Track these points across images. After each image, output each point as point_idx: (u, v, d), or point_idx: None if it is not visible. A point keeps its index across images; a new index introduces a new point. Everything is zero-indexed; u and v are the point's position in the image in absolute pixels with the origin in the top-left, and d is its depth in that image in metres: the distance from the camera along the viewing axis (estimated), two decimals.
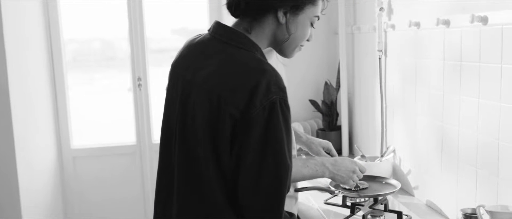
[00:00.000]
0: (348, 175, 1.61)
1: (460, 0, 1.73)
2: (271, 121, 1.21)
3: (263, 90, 1.20)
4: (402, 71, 2.20)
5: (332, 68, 3.13)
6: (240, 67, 1.26)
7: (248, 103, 1.20)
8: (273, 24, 1.31)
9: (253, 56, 1.29)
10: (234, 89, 1.23)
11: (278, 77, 1.25)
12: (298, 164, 1.54)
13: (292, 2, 1.28)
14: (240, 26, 1.33)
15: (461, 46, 1.73)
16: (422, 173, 2.08)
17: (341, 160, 1.62)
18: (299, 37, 1.36)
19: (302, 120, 3.13)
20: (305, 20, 1.34)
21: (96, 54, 3.52)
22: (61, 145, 3.26)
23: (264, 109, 1.20)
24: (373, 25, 2.41)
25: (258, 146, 1.21)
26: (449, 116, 1.84)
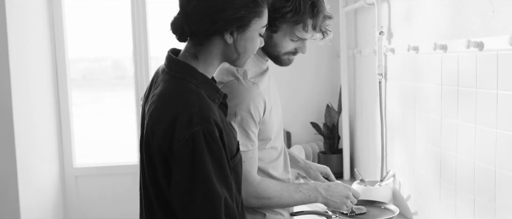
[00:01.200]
0: (342, 201, 1.59)
1: (457, 25, 1.73)
2: (196, 155, 1.16)
3: (184, 122, 1.17)
4: (401, 95, 2.19)
5: (334, 90, 3.12)
6: (166, 99, 1.24)
7: (172, 135, 1.17)
8: (221, 44, 1.28)
9: (183, 85, 1.25)
10: (159, 122, 1.21)
11: (202, 107, 1.20)
12: (290, 189, 1.53)
13: (237, 22, 1.23)
14: (187, 52, 1.32)
15: (458, 71, 1.72)
16: (422, 198, 2.05)
17: (334, 186, 1.61)
18: (249, 50, 1.32)
19: (303, 143, 3.12)
20: (254, 34, 1.30)
21: (107, 73, 3.56)
22: (64, 164, 3.27)
23: (187, 142, 1.16)
24: (374, 49, 2.41)
25: (185, 184, 1.17)
26: (447, 141, 1.82)
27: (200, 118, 1.18)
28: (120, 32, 3.31)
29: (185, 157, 1.17)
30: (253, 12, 1.24)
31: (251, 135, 1.47)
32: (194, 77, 1.28)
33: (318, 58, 3.09)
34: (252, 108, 1.46)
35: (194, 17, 1.23)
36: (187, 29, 1.25)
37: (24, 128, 2.75)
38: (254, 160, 1.50)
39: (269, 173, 1.60)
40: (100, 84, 3.56)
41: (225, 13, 1.21)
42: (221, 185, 1.20)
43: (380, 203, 2.00)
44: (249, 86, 1.47)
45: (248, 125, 1.46)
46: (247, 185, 1.47)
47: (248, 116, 1.45)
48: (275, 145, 1.63)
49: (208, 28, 1.24)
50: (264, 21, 1.31)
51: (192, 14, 1.23)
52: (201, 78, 1.29)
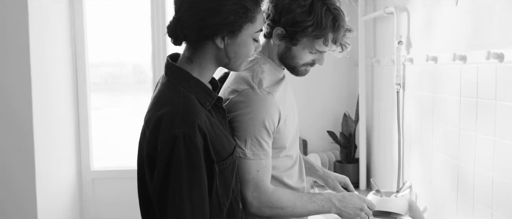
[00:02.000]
0: (355, 212, 1.57)
1: (477, 36, 1.70)
2: (172, 158, 1.17)
3: (166, 123, 1.18)
4: (419, 106, 2.16)
5: (351, 99, 3.10)
6: (156, 103, 1.27)
7: (156, 136, 1.19)
8: (213, 49, 1.29)
9: (172, 89, 1.27)
10: (149, 123, 1.23)
11: (187, 111, 1.21)
12: (304, 199, 1.51)
13: (227, 28, 1.24)
14: (183, 56, 1.34)
15: (478, 83, 1.69)
16: (438, 211, 2.01)
17: (349, 197, 1.58)
18: (242, 55, 1.32)
19: (319, 151, 3.10)
20: (246, 39, 1.29)
21: (127, 77, 3.61)
22: (81, 167, 3.31)
23: (167, 143, 1.17)
24: (392, 58, 2.39)
25: (160, 185, 1.19)
26: (465, 154, 1.79)
27: (182, 121, 1.19)
28: (141, 37, 3.35)
29: (163, 157, 1.18)
30: (243, 17, 1.25)
31: (264, 144, 1.47)
32: (185, 81, 1.29)
33: (336, 67, 3.07)
34: (266, 118, 1.46)
35: (186, 22, 1.25)
36: (180, 33, 1.27)
37: (43, 131, 2.80)
38: (267, 169, 1.49)
39: (284, 181, 1.59)
40: (121, 88, 3.60)
41: (215, 18, 1.23)
42: (192, 189, 1.20)
43: (396, 215, 1.97)
44: (264, 96, 1.47)
45: (261, 134, 1.45)
46: (260, 194, 1.47)
47: (262, 126, 1.45)
48: (290, 153, 1.62)
49: (198, 33, 1.25)
50: (258, 26, 1.31)
51: (183, 19, 1.25)
52: (193, 81, 1.30)
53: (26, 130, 2.67)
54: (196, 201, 1.20)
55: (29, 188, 2.70)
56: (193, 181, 1.19)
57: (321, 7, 1.46)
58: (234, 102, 1.47)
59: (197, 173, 1.20)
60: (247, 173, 1.46)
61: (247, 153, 1.44)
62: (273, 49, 1.57)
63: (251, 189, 1.46)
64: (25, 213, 2.72)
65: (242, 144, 1.44)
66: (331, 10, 1.47)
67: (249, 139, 1.44)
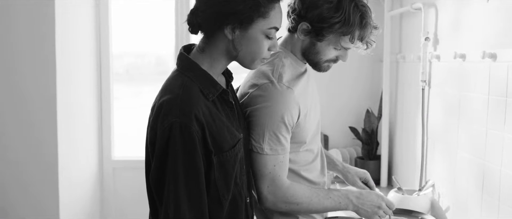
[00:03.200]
0: (373, 210, 1.55)
1: (508, 33, 1.66)
2: (169, 145, 1.19)
3: (165, 111, 1.21)
4: (445, 104, 2.13)
5: (375, 95, 3.07)
6: (161, 90, 1.30)
7: (156, 123, 1.22)
8: (224, 40, 1.29)
9: (176, 79, 1.29)
10: (152, 110, 1.27)
11: (185, 101, 1.21)
12: (320, 195, 1.50)
13: (236, 17, 1.24)
14: (198, 45, 1.35)
15: (507, 82, 1.65)
16: (461, 211, 1.98)
17: (367, 194, 1.57)
18: (252, 52, 1.31)
19: (341, 147, 3.08)
20: (257, 34, 1.28)
21: (149, 68, 3.63)
22: (103, 156, 3.35)
23: (164, 132, 1.19)
24: (418, 55, 2.35)
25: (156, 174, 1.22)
26: (491, 154, 1.75)
27: (180, 111, 1.20)
28: (164, 29, 3.37)
29: (160, 146, 1.20)
30: (254, 10, 1.25)
31: (282, 139, 1.46)
32: (191, 71, 1.30)
33: (359, 62, 3.04)
34: (285, 112, 1.44)
35: (200, 11, 1.27)
36: (195, 22, 1.29)
37: (67, 120, 2.83)
38: (284, 164, 1.49)
39: (302, 175, 1.59)
40: (142, 78, 3.63)
41: (224, 6, 1.24)
42: (188, 177, 1.21)
43: (417, 213, 1.95)
44: (283, 90, 1.46)
45: (279, 129, 1.45)
46: (275, 189, 1.46)
47: (280, 121, 1.44)
48: (311, 147, 1.61)
49: (209, 21, 1.27)
50: (273, 23, 1.29)
51: (198, 6, 1.28)
52: (199, 72, 1.30)
53: (50, 120, 2.71)
54: (192, 190, 1.21)
55: (51, 177, 2.75)
56: (189, 170, 1.21)
57: (349, 3, 1.44)
58: (253, 96, 1.46)
59: (192, 162, 1.21)
60: (263, 167, 1.45)
61: (265, 148, 1.44)
62: (296, 44, 1.56)
63: (267, 183, 1.46)
64: (48, 202, 2.77)
65: (260, 138, 1.43)
66: (359, 7, 1.45)
67: (267, 133, 1.43)
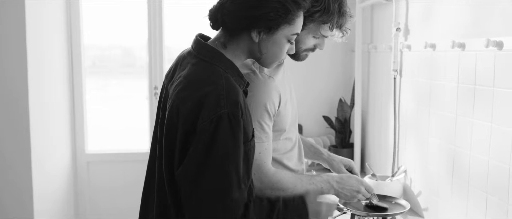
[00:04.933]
0: (352, 194, 1.61)
1: (476, 24, 1.73)
2: (217, 135, 1.20)
3: (211, 103, 1.21)
4: (416, 92, 2.20)
5: (347, 85, 3.13)
6: (194, 80, 1.28)
7: (197, 114, 1.21)
8: (248, 41, 1.33)
9: (211, 68, 1.30)
10: (185, 101, 1.24)
11: (230, 91, 1.25)
12: (303, 181, 1.55)
13: (265, 23, 1.28)
14: (217, 40, 1.37)
15: (476, 70, 1.72)
16: (433, 195, 2.06)
17: (347, 178, 1.63)
18: (275, 54, 1.37)
19: (315, 136, 3.14)
20: (281, 39, 1.33)
21: (116, 61, 3.58)
22: (76, 150, 3.31)
23: (211, 122, 1.20)
24: (389, 45, 2.41)
25: (201, 158, 1.21)
26: (461, 139, 1.83)
27: (227, 101, 1.23)
28: (132, 21, 3.33)
29: (205, 135, 1.21)
30: (283, 17, 1.29)
31: (266, 127, 1.50)
32: (222, 62, 1.33)
33: (332, 53, 3.10)
34: (268, 101, 1.49)
35: (228, 9, 1.29)
36: (220, 19, 1.31)
37: (39, 113, 2.79)
38: (268, 151, 1.52)
39: (283, 163, 1.63)
40: (108, 71, 3.57)
41: (255, 12, 1.27)
42: (238, 164, 1.24)
43: (391, 198, 2.01)
44: (265, 79, 1.50)
45: (262, 118, 1.49)
46: (262, 176, 1.50)
47: (263, 109, 1.48)
48: (290, 136, 1.65)
49: (237, 22, 1.30)
50: (296, 29, 1.35)
51: (226, 6, 1.30)
52: (229, 63, 1.34)
53: (22, 112, 2.66)
54: (243, 177, 1.25)
55: (25, 170, 2.70)
56: (238, 157, 1.24)
57: None
58: None
59: (240, 150, 1.25)
60: None
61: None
62: None
63: (254, 170, 1.49)
64: (21, 195, 2.72)
65: None
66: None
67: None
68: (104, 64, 3.54)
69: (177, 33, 3.39)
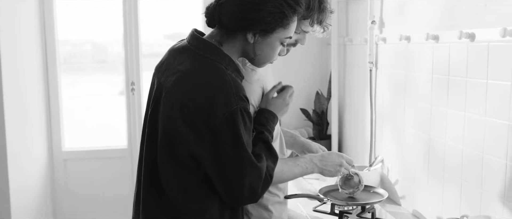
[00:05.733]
0: (336, 169, 1.67)
1: (449, 16, 1.79)
2: (235, 128, 1.29)
3: (223, 101, 1.27)
4: (392, 83, 2.26)
5: (323, 78, 3.18)
6: (201, 78, 1.31)
7: (209, 113, 1.27)
8: (244, 41, 1.38)
9: (217, 67, 1.34)
10: (195, 99, 1.29)
11: (238, 87, 1.32)
12: (289, 164, 1.59)
13: (262, 26, 1.32)
14: (213, 38, 1.40)
15: (449, 61, 1.78)
16: (409, 183, 2.13)
17: (328, 155, 1.68)
18: (267, 56, 1.42)
19: (293, 129, 3.17)
20: (275, 42, 1.39)
21: (87, 57, 3.53)
22: (53, 147, 3.27)
23: (226, 119, 1.27)
24: (365, 38, 2.46)
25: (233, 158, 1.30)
26: (436, 128, 1.89)
27: (238, 97, 1.29)
28: (104, 15, 3.29)
29: (227, 132, 1.28)
30: (279, 21, 1.33)
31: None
32: (222, 58, 1.36)
33: (308, 46, 3.11)
34: (251, 94, 1.51)
35: (226, 9, 1.32)
36: (217, 17, 1.34)
37: (14, 111, 2.75)
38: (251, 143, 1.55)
39: None
40: (81, 68, 3.52)
41: (253, 14, 1.31)
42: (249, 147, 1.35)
43: (369, 187, 2.07)
44: (248, 72, 1.53)
45: None
46: None
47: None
48: None
49: (234, 22, 1.33)
50: (289, 33, 1.39)
51: (225, 5, 1.33)
52: (228, 59, 1.37)
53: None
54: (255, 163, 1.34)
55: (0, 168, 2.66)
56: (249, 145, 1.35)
57: None
58: None
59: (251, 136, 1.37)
60: None
61: None
62: None
63: None
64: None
65: None
66: None
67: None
68: (76, 60, 3.48)
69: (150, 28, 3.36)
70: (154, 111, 1.38)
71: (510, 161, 1.50)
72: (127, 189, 3.35)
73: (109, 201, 3.37)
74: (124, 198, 3.34)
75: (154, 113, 1.38)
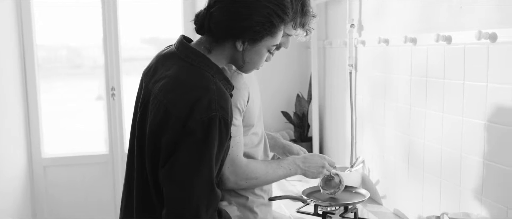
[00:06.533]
0: (318, 170, 1.71)
1: (426, 19, 1.84)
2: (208, 137, 1.27)
3: (204, 106, 1.27)
4: (371, 85, 2.30)
5: (304, 81, 3.22)
6: (187, 84, 1.33)
7: (188, 116, 1.26)
8: (232, 49, 1.40)
9: (202, 74, 1.35)
10: (176, 103, 1.29)
11: (221, 96, 1.32)
12: (273, 166, 1.61)
13: (251, 35, 1.35)
14: (202, 45, 1.42)
15: (427, 63, 1.83)
16: (390, 183, 2.17)
17: (310, 157, 1.71)
18: (255, 63, 1.45)
19: (274, 131, 3.20)
20: (262, 49, 1.42)
21: (63, 62, 3.47)
22: (32, 154, 3.23)
23: (202, 123, 1.26)
24: (344, 41, 2.51)
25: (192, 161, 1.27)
26: (415, 129, 1.94)
27: (219, 105, 1.29)
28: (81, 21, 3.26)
29: (198, 138, 1.27)
30: (267, 30, 1.35)
31: (236, 122, 1.54)
32: (210, 67, 1.38)
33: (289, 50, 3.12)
34: (238, 99, 1.53)
35: (216, 18, 1.34)
36: (207, 25, 1.35)
37: None
38: (240, 144, 1.57)
39: (254, 157, 1.68)
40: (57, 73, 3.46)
41: (243, 23, 1.32)
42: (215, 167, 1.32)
43: (351, 188, 2.10)
44: (234, 76, 1.54)
45: (234, 114, 1.52)
46: (236, 168, 1.55)
47: (234, 106, 1.52)
48: (256, 131, 1.70)
49: (224, 31, 1.35)
50: (276, 41, 1.42)
51: (215, 14, 1.34)
52: (216, 69, 1.39)
53: None
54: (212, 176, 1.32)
55: None
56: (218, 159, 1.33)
57: None
58: None
59: (222, 151, 1.34)
60: None
61: None
62: None
63: (228, 164, 1.54)
64: None
65: None
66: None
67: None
68: (51, 65, 3.42)
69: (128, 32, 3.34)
70: (142, 116, 1.39)
71: (486, 159, 1.55)
72: (108, 195, 3.32)
73: (90, 207, 3.34)
74: (106, 204, 3.32)
75: (142, 118, 1.39)
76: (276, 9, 1.33)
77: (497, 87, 1.48)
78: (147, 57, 1.62)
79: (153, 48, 3.46)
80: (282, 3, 1.35)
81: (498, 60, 1.47)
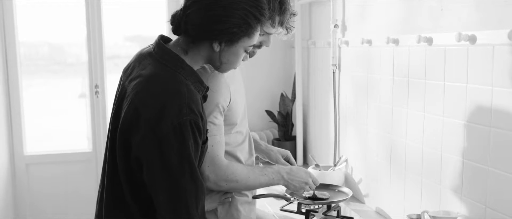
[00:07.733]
0: (300, 185, 1.71)
1: (408, 21, 1.87)
2: (183, 142, 1.28)
3: (174, 110, 1.27)
4: (354, 85, 2.33)
5: (288, 80, 3.24)
6: (158, 85, 1.33)
7: (159, 119, 1.26)
8: (209, 49, 1.40)
9: (175, 76, 1.35)
10: (148, 105, 1.29)
11: (192, 100, 1.31)
12: (256, 172, 1.62)
13: (227, 36, 1.35)
14: (179, 46, 1.42)
15: (409, 64, 1.86)
16: (372, 181, 2.20)
17: (296, 170, 1.72)
18: (232, 63, 1.46)
19: (258, 130, 3.22)
20: (239, 50, 1.42)
21: (44, 59, 3.44)
22: (14, 152, 3.19)
23: (174, 128, 1.27)
24: (328, 41, 2.53)
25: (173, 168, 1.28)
26: (397, 128, 1.97)
27: (189, 109, 1.29)
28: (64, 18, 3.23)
29: (172, 143, 1.27)
30: (244, 31, 1.35)
31: (216, 121, 1.55)
32: (183, 69, 1.37)
33: (273, 49, 3.18)
34: (219, 98, 1.53)
35: (192, 20, 1.33)
36: (183, 26, 1.35)
37: None
38: (221, 144, 1.57)
39: (237, 156, 1.68)
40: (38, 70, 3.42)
41: (219, 25, 1.32)
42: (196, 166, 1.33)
43: (334, 186, 2.13)
44: (215, 75, 1.55)
45: (214, 113, 1.53)
46: (215, 168, 1.55)
47: (214, 106, 1.52)
48: (241, 129, 1.71)
49: (200, 32, 1.35)
50: (253, 41, 1.42)
51: (191, 16, 1.33)
52: (189, 70, 1.39)
53: None
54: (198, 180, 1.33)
55: None
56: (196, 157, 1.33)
57: None
58: None
59: (198, 152, 1.34)
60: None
61: None
62: None
63: (207, 163, 1.54)
64: None
65: None
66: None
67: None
68: (33, 62, 3.38)
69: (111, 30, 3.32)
70: (116, 113, 1.39)
71: (466, 158, 1.58)
72: (91, 193, 3.30)
73: (73, 205, 3.31)
74: (88, 201, 3.29)
75: (115, 116, 1.39)
76: (253, 10, 1.34)
77: (476, 88, 1.52)
78: (130, 55, 1.62)
79: (136, 45, 3.45)
80: (259, 4, 1.35)
81: (477, 62, 1.51)
